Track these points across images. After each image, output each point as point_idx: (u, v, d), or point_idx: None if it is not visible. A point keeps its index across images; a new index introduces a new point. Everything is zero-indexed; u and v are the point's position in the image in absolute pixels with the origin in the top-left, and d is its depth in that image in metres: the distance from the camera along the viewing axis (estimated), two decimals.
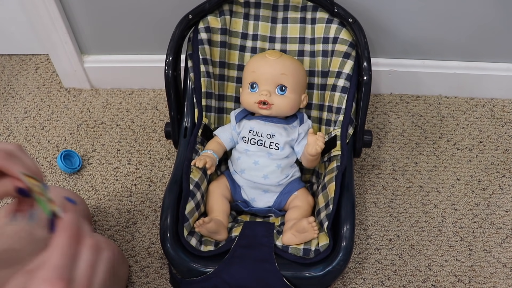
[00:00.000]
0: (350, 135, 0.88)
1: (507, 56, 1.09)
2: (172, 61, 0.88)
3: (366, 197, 1.02)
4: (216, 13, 0.92)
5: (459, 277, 0.91)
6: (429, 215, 0.99)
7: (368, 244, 0.96)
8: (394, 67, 1.12)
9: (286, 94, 0.87)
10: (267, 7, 0.93)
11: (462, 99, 1.16)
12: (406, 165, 1.06)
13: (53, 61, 1.18)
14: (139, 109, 1.18)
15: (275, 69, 0.87)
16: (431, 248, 0.95)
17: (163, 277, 0.93)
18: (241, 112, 0.92)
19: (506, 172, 1.04)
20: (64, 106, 1.20)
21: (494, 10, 0.99)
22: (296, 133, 0.89)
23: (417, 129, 1.12)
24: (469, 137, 1.10)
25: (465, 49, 1.08)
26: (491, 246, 0.95)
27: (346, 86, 0.88)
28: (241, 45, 0.96)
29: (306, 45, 0.95)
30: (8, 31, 1.24)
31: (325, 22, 0.91)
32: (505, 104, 1.15)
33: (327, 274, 0.75)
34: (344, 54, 0.89)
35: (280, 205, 0.89)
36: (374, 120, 1.14)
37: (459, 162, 1.06)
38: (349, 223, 0.77)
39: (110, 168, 1.08)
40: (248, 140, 0.88)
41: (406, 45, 1.08)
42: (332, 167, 0.85)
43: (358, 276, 0.92)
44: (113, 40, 1.14)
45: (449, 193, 1.02)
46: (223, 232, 0.81)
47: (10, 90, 1.24)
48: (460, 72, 1.11)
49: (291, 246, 0.79)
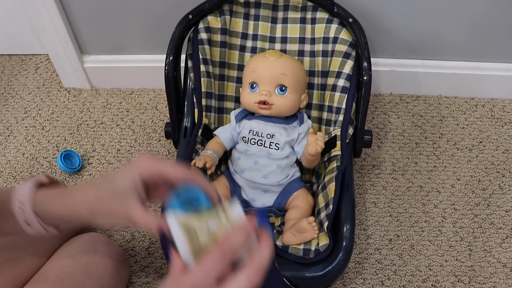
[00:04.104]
0: (350, 135, 0.88)
1: (507, 56, 1.09)
2: (172, 61, 0.88)
3: (366, 197, 1.02)
4: (216, 13, 0.92)
5: (459, 277, 0.91)
6: (429, 215, 0.99)
7: (368, 244, 0.96)
8: (394, 67, 1.12)
9: (286, 94, 0.87)
10: (267, 7, 0.93)
11: (462, 99, 1.16)
12: (406, 165, 1.06)
13: (53, 61, 1.18)
14: (139, 109, 1.18)
15: (275, 69, 0.87)
16: (431, 248, 0.95)
17: (163, 277, 0.93)
18: (241, 112, 0.92)
19: (506, 172, 1.04)
20: (64, 106, 1.20)
21: (494, 11, 0.99)
22: (296, 133, 0.89)
23: (417, 129, 1.12)
24: (469, 137, 1.10)
25: (465, 49, 1.08)
26: (491, 246, 0.95)
27: (346, 86, 0.88)
28: (241, 45, 0.96)
29: (306, 45, 0.95)
30: (8, 31, 1.24)
31: (325, 22, 0.91)
32: (505, 104, 1.15)
33: (327, 274, 0.75)
34: (344, 54, 0.89)
35: (280, 205, 0.89)
36: (374, 120, 1.14)
37: (459, 162, 1.06)
38: (349, 223, 0.77)
39: (110, 168, 1.08)
40: (248, 140, 0.88)
41: (406, 45, 1.08)
42: (332, 167, 0.85)
43: (358, 276, 0.92)
44: (113, 40, 1.14)
45: (449, 193, 1.02)
46: None
47: (10, 90, 1.24)
48: (460, 72, 1.11)
49: (291, 246, 0.79)
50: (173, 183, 0.48)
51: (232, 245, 0.37)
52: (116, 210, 0.47)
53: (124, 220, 0.47)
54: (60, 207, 0.50)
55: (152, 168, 0.47)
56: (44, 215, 0.51)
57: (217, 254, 0.36)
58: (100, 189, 0.49)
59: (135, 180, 0.47)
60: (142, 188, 0.48)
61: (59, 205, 0.50)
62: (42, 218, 0.51)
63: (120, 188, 0.47)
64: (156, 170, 0.47)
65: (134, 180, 0.47)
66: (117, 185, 0.47)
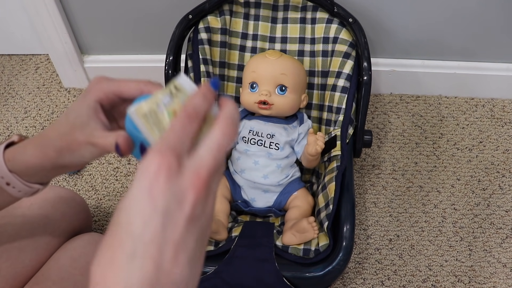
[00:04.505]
0: (350, 135, 0.88)
1: (507, 56, 1.09)
2: (172, 61, 0.88)
3: (366, 197, 1.02)
4: (216, 13, 0.92)
5: (459, 277, 0.91)
6: (429, 215, 0.99)
7: (368, 244, 0.96)
8: (394, 67, 1.12)
9: (286, 94, 0.87)
10: (267, 7, 0.93)
11: (462, 99, 1.16)
12: (406, 165, 1.06)
13: (53, 61, 1.18)
14: None
15: (275, 69, 0.87)
16: (431, 248, 0.95)
17: None
18: (241, 112, 0.92)
19: (506, 172, 1.04)
20: (64, 106, 1.20)
21: (494, 10, 0.99)
22: (296, 133, 0.89)
23: (417, 129, 1.12)
24: (469, 137, 1.10)
25: (465, 49, 1.08)
26: (491, 246, 0.95)
27: (346, 86, 0.88)
28: (241, 45, 0.96)
29: (306, 45, 0.95)
30: (8, 31, 1.24)
31: (325, 22, 0.91)
32: (505, 104, 1.15)
33: (327, 274, 0.75)
34: (344, 54, 0.89)
35: (280, 205, 0.89)
36: (374, 120, 1.14)
37: (459, 162, 1.06)
38: (349, 223, 0.77)
39: (110, 168, 1.08)
40: (248, 140, 0.88)
41: (406, 45, 1.08)
42: (332, 167, 0.85)
43: (358, 276, 0.92)
44: (113, 40, 1.14)
45: (449, 193, 1.02)
46: (223, 232, 0.81)
47: (10, 90, 1.24)
48: (460, 72, 1.11)
49: (291, 246, 0.79)
50: (131, 99, 0.46)
51: (194, 106, 0.35)
52: (80, 142, 0.46)
53: (91, 149, 0.46)
54: (29, 156, 0.49)
55: (106, 90, 0.46)
56: (19, 170, 0.50)
57: (183, 117, 0.34)
58: (60, 126, 0.48)
59: (91, 106, 0.46)
60: (101, 112, 0.47)
61: (28, 155, 0.49)
62: (19, 175, 0.50)
63: (79, 118, 0.46)
64: (110, 91, 0.46)
65: (90, 106, 0.46)
66: (75, 117, 0.46)
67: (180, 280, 0.30)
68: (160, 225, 0.29)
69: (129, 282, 0.28)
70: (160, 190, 0.30)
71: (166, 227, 0.30)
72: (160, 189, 0.30)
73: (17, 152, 0.50)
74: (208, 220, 0.32)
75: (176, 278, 0.30)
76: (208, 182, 0.31)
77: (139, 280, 0.29)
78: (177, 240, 0.30)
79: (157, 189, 0.30)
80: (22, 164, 0.49)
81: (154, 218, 0.30)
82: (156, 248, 0.29)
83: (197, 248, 0.31)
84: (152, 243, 0.29)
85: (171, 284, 0.29)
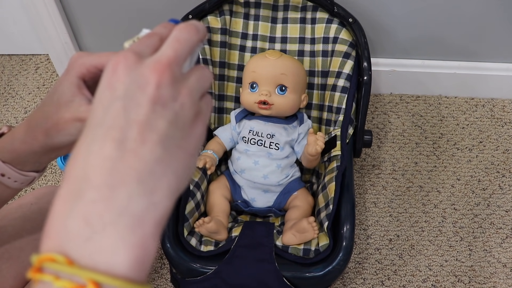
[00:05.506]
0: (350, 135, 0.88)
1: (507, 56, 1.09)
2: None
3: (366, 197, 1.02)
4: (216, 13, 0.92)
5: (459, 277, 0.91)
6: (429, 215, 0.99)
7: (368, 244, 0.96)
8: (394, 67, 1.12)
9: (286, 94, 0.87)
10: (267, 7, 0.93)
11: (462, 99, 1.16)
12: (406, 165, 1.06)
13: (53, 61, 1.18)
14: None
15: (275, 69, 0.87)
16: (431, 248, 0.95)
17: (163, 277, 0.93)
18: (241, 112, 0.92)
19: (506, 172, 1.04)
20: None
21: (494, 10, 0.99)
22: (296, 133, 0.89)
23: (417, 129, 1.12)
24: (469, 137, 1.10)
25: (465, 49, 1.08)
26: (491, 246, 0.95)
27: (346, 86, 0.88)
28: (241, 45, 0.96)
29: (306, 45, 0.95)
30: (8, 31, 1.24)
31: (325, 22, 0.91)
32: (505, 104, 1.15)
33: (327, 274, 0.75)
34: (344, 54, 0.89)
35: (280, 205, 0.89)
36: (374, 120, 1.14)
37: (459, 162, 1.06)
38: (349, 223, 0.77)
39: None
40: (248, 140, 0.88)
41: (406, 45, 1.08)
42: (332, 167, 0.85)
43: (358, 276, 0.92)
44: (113, 40, 1.14)
45: (449, 193, 1.02)
46: (223, 232, 0.81)
47: (10, 90, 1.24)
48: (460, 72, 1.11)
49: (291, 246, 0.79)
50: None
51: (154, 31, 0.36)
52: (66, 119, 0.45)
53: (78, 126, 0.46)
54: (18, 143, 0.49)
55: (88, 64, 0.46)
56: (11, 159, 0.50)
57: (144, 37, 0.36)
58: (45, 107, 0.47)
59: (74, 83, 0.46)
60: (84, 87, 0.46)
61: (17, 142, 0.49)
62: (12, 164, 0.50)
63: (63, 97, 0.46)
64: (91, 65, 0.46)
65: (74, 83, 0.46)
66: (59, 96, 0.46)
67: (153, 159, 0.29)
68: (120, 108, 0.29)
69: (89, 163, 0.28)
70: (119, 79, 0.30)
71: (128, 109, 0.29)
72: (118, 78, 0.30)
73: (6, 141, 0.50)
74: (184, 108, 0.31)
75: (146, 156, 0.29)
76: (170, 66, 0.31)
77: (97, 161, 0.28)
78: (141, 120, 0.29)
79: (115, 79, 0.30)
80: (13, 152, 0.49)
81: (114, 102, 0.29)
82: (117, 129, 0.29)
83: (173, 131, 0.30)
84: (113, 126, 0.29)
85: (140, 163, 0.28)
